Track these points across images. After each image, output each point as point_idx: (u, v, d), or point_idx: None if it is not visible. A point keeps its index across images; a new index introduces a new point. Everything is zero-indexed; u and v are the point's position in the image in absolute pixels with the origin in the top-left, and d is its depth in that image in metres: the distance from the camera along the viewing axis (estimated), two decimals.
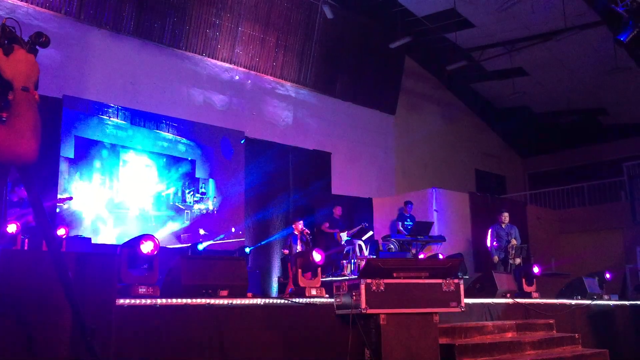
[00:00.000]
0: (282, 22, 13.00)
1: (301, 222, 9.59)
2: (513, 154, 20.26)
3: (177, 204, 11.06)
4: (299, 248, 9.23)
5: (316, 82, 13.86)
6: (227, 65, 12.36)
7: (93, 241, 9.09)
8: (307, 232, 9.34)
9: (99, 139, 10.09)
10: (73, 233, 9.14)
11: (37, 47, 1.84)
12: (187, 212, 11.15)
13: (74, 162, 9.74)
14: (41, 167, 9.15)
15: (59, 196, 9.21)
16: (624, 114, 17.03)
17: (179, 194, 11.13)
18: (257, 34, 12.66)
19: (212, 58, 12.11)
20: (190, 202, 11.23)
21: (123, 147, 10.46)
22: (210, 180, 11.60)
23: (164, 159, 11.00)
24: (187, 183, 11.23)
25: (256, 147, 12.39)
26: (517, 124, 18.54)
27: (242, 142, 11.99)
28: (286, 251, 9.76)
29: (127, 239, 5.58)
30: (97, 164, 10.02)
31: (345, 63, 14.34)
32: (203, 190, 11.45)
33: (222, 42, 12.17)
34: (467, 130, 18.12)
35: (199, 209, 11.34)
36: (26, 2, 9.60)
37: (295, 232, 9.46)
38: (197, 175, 11.42)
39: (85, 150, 9.90)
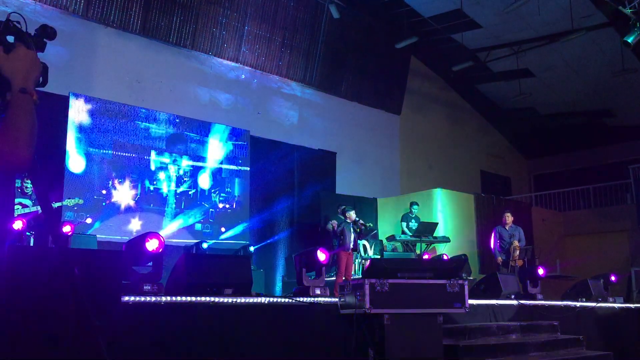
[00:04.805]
0: (289, 22, 13.00)
1: (353, 211, 9.58)
2: (518, 156, 20.20)
3: (203, 202, 11.29)
4: (352, 236, 9.22)
5: (322, 82, 13.86)
6: (233, 64, 12.37)
7: (124, 229, 9.70)
8: (362, 223, 9.32)
9: (132, 141, 10.57)
10: (111, 221, 9.94)
11: (44, 39, 1.82)
12: (211, 210, 11.40)
13: (112, 162, 10.34)
14: (48, 164, 9.19)
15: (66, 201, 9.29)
16: (631, 116, 16.95)
17: (206, 192, 11.41)
18: (264, 33, 12.67)
19: (219, 57, 12.12)
20: (215, 201, 11.47)
21: (154, 148, 10.83)
22: (236, 179, 11.85)
23: (193, 160, 11.34)
24: (212, 182, 11.54)
25: (261, 146, 12.40)
26: (523, 125, 18.49)
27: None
28: (334, 223, 9.53)
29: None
30: (130, 163, 10.55)
31: (351, 63, 14.33)
32: (228, 189, 11.72)
33: (228, 41, 12.18)
34: (472, 131, 18.08)
35: (224, 207, 11.57)
36: None
37: (348, 221, 9.37)
38: (223, 175, 11.69)
39: (121, 152, 10.45)
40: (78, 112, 9.93)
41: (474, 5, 12.81)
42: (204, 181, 11.41)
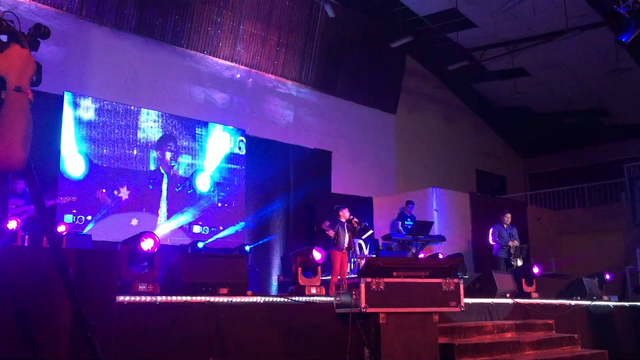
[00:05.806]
0: (284, 21, 12.99)
1: (347, 209, 9.35)
2: (514, 154, 20.25)
3: (199, 202, 11.34)
4: (347, 236, 9.07)
5: (317, 81, 13.86)
6: (228, 63, 12.35)
7: (120, 229, 9.74)
8: (355, 221, 9.22)
9: (129, 141, 10.64)
10: (107, 221, 10.07)
11: (38, 39, 1.82)
12: (208, 210, 11.46)
13: (108, 162, 10.51)
14: (42, 164, 9.15)
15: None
16: (625, 115, 17.01)
17: (205, 192, 11.49)
18: (259, 32, 12.66)
19: (214, 56, 12.10)
20: (213, 200, 11.52)
21: (152, 147, 10.88)
22: (234, 178, 11.91)
23: (191, 159, 11.41)
24: (209, 181, 11.62)
25: (257, 146, 12.39)
26: (518, 124, 18.53)
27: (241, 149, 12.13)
28: (331, 233, 9.46)
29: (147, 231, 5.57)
30: (127, 163, 10.67)
31: (346, 62, 14.33)
32: (227, 188, 11.78)
33: (223, 40, 12.16)
34: (468, 130, 18.11)
35: (220, 206, 11.64)
36: None
37: (342, 219, 9.19)
38: (219, 175, 11.74)
39: (118, 151, 10.61)
40: (73, 111, 9.89)
41: (469, 4, 12.82)
42: (201, 180, 11.41)
